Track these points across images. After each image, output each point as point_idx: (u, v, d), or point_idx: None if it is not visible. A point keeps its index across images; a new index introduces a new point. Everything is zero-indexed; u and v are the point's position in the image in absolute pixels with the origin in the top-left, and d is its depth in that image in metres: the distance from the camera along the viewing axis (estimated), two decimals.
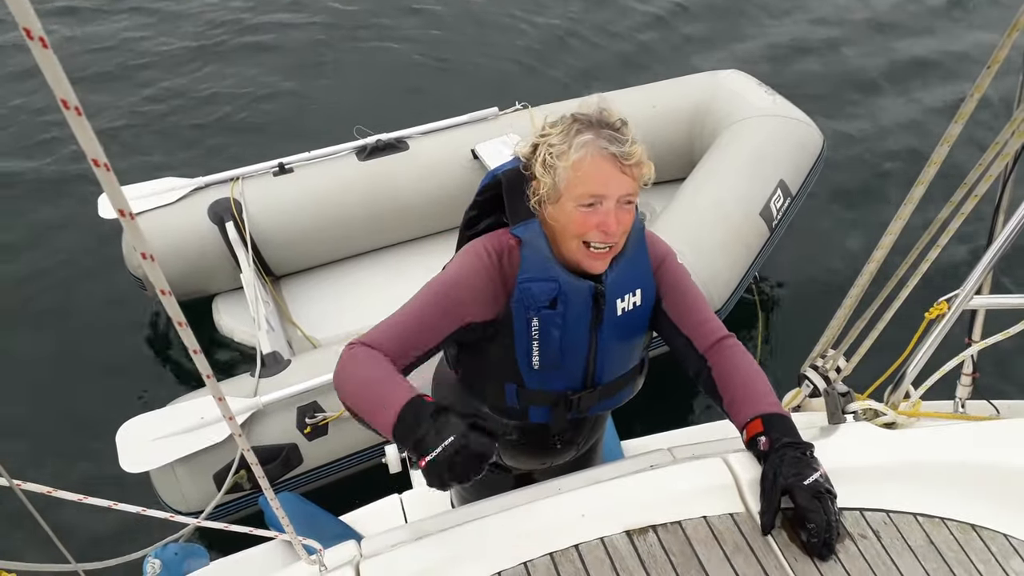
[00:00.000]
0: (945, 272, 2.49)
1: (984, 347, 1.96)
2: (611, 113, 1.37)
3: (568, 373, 1.50)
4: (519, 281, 1.40)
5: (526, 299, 1.40)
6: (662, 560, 1.27)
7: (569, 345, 1.46)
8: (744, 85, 4.10)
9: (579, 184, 1.33)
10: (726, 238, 3.38)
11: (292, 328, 3.69)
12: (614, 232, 1.35)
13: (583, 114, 1.36)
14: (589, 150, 1.32)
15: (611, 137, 1.32)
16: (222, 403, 0.91)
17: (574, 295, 1.41)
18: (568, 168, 1.33)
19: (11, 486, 1.02)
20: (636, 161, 1.34)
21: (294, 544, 1.23)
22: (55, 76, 0.57)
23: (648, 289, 1.50)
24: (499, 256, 1.42)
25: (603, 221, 1.33)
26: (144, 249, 0.72)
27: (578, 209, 1.34)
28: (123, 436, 2.70)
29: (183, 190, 3.61)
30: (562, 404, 1.53)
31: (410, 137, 3.94)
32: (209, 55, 5.93)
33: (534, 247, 1.41)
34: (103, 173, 0.65)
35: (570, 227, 1.36)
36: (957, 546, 1.36)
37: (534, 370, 1.48)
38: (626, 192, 1.34)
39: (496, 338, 1.45)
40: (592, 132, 1.33)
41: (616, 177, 1.32)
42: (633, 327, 1.51)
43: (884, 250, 1.76)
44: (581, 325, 1.44)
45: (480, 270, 1.41)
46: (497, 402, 1.56)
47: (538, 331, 1.42)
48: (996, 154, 1.56)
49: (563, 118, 1.38)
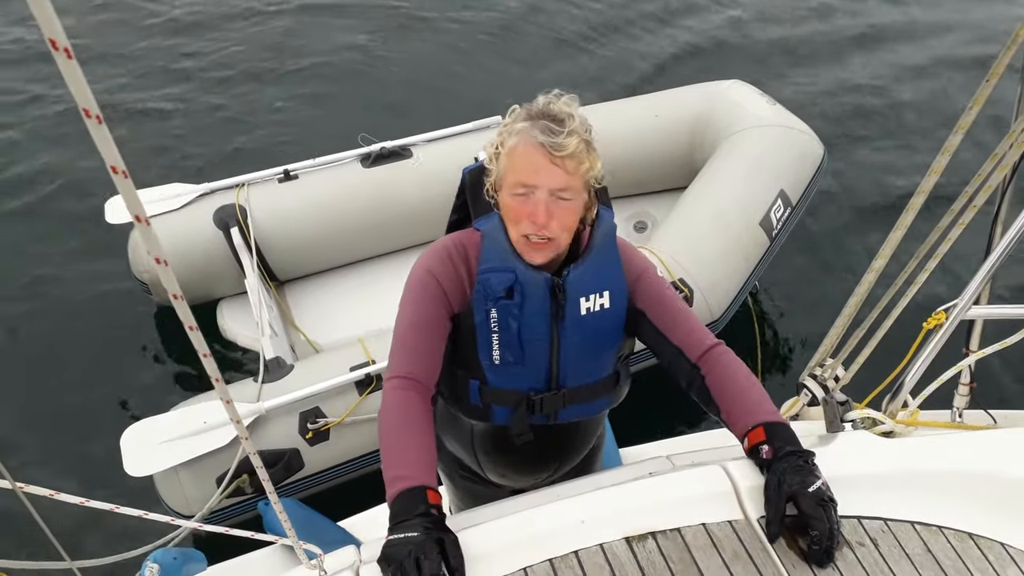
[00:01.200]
0: (943, 282, 2.51)
1: (982, 357, 1.97)
2: (559, 107, 1.36)
3: (531, 372, 1.50)
4: (479, 272, 1.42)
5: (485, 289, 1.42)
6: (661, 567, 1.27)
7: (529, 339, 1.45)
8: (746, 95, 4.11)
9: (511, 172, 1.35)
10: (726, 247, 3.39)
11: (296, 333, 3.71)
12: (542, 223, 1.34)
13: (531, 104, 1.38)
14: (522, 138, 1.33)
15: (545, 127, 1.32)
16: (230, 406, 0.92)
17: (530, 286, 1.41)
18: (505, 155, 1.35)
19: (13, 488, 1.03)
20: (569, 154, 1.31)
21: (295, 548, 1.23)
22: (78, 86, 0.58)
23: (619, 294, 1.48)
24: (464, 249, 1.45)
25: (532, 211, 1.34)
26: (159, 254, 0.73)
27: (513, 197, 1.36)
28: (127, 440, 2.72)
29: (189, 196, 3.64)
30: (524, 405, 1.52)
31: (414, 144, 3.97)
32: (217, 63, 5.97)
33: (493, 238, 1.43)
34: (121, 180, 0.66)
35: (508, 215, 1.39)
36: (955, 554, 1.36)
37: (496, 365, 1.47)
38: (557, 184, 1.33)
39: (461, 332, 1.47)
40: (530, 121, 1.34)
41: (546, 168, 1.32)
42: (600, 330, 1.50)
43: (883, 260, 1.77)
44: (540, 319, 1.44)
45: (447, 260, 1.44)
46: (462, 402, 1.56)
47: (497, 323, 1.43)
48: (995, 165, 1.57)
49: (519, 109, 1.40)
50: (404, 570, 1.14)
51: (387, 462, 1.31)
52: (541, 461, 1.72)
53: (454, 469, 1.87)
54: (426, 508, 1.22)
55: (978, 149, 1.76)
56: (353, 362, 3.02)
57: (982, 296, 1.87)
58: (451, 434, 1.75)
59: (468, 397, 1.54)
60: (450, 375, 1.54)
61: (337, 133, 4.97)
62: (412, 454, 1.31)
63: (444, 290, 1.44)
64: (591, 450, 1.86)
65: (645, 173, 4.21)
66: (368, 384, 2.97)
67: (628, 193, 4.30)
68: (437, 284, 1.44)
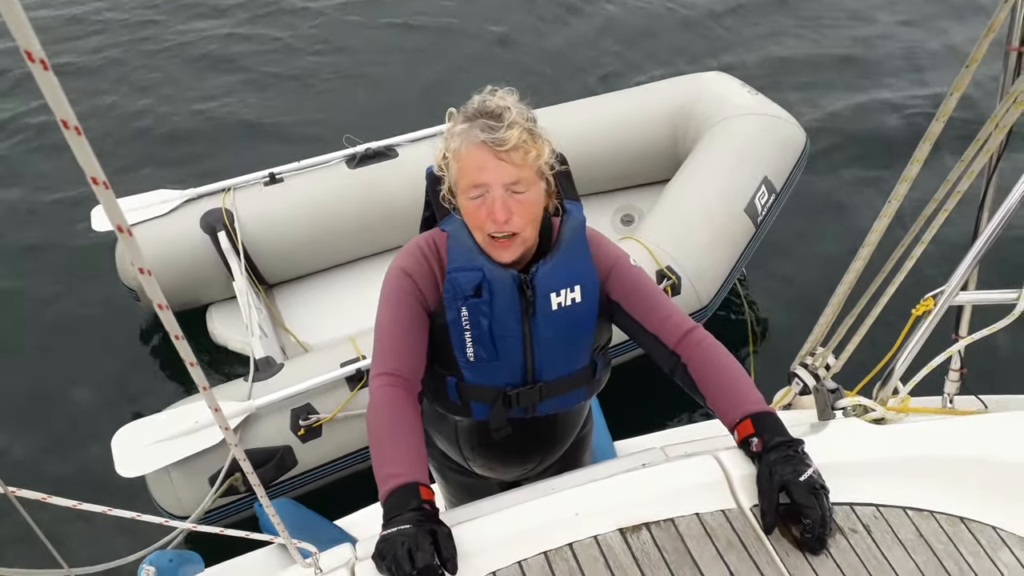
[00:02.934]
0: (931, 269, 2.52)
1: (971, 342, 1.98)
2: (493, 102, 1.36)
3: (506, 368, 1.50)
4: (448, 272, 1.43)
5: (454, 289, 1.43)
6: (655, 557, 1.27)
7: (501, 335, 1.46)
8: (726, 85, 4.13)
9: (462, 175, 1.36)
10: (712, 236, 3.40)
11: (286, 335, 3.69)
12: (502, 220, 1.34)
13: (468, 105, 1.38)
14: (464, 140, 1.34)
15: (485, 125, 1.32)
16: (218, 414, 0.92)
17: (498, 283, 1.42)
18: (452, 160, 1.36)
19: (5, 492, 1.02)
20: (513, 146, 1.31)
21: (289, 547, 1.23)
22: (55, 97, 0.58)
23: (590, 287, 1.48)
24: (432, 250, 1.47)
25: (490, 211, 1.34)
26: (142, 264, 0.73)
27: (469, 200, 1.36)
28: (119, 441, 2.72)
29: (175, 202, 3.62)
30: (501, 400, 1.53)
31: (399, 145, 3.96)
32: (201, 66, 5.94)
33: (457, 239, 1.44)
34: (102, 191, 0.66)
35: (469, 219, 1.40)
36: (947, 539, 1.37)
37: (471, 363, 1.48)
38: (508, 179, 1.33)
39: (435, 330, 1.48)
40: (468, 122, 1.34)
41: (493, 164, 1.32)
42: (573, 324, 1.50)
43: (870, 247, 1.78)
44: (510, 315, 1.45)
45: (420, 259, 1.46)
46: (442, 399, 1.58)
47: (468, 321, 1.44)
48: (978, 149, 1.58)
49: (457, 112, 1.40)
50: (398, 562, 1.14)
51: (378, 460, 1.32)
52: (524, 453, 1.73)
53: (444, 464, 1.88)
54: (419, 503, 1.23)
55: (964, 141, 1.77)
56: (343, 358, 3.02)
57: (970, 282, 1.88)
58: (437, 429, 1.76)
59: (447, 394, 1.55)
60: (430, 373, 1.54)
61: (321, 134, 4.97)
62: (403, 452, 1.32)
63: (419, 288, 1.45)
64: (578, 440, 1.86)
65: (629, 167, 4.22)
66: (359, 379, 2.97)
67: (613, 187, 4.31)
68: (412, 283, 1.45)
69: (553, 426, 1.70)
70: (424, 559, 1.15)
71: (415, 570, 1.14)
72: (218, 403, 0.93)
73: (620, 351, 3.23)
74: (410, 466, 1.29)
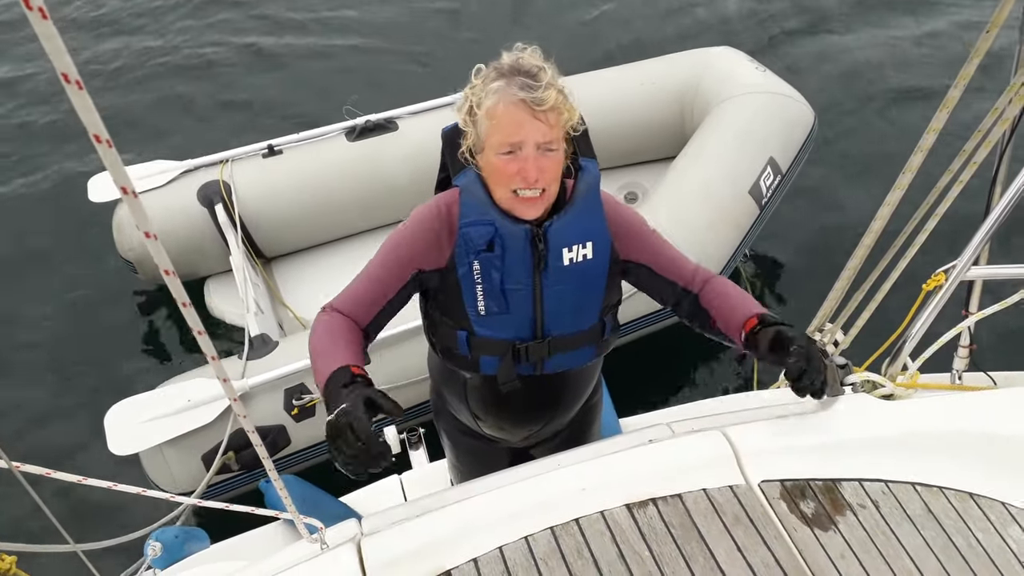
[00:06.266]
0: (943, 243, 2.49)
1: (981, 318, 1.96)
2: (527, 60, 1.37)
3: (516, 321, 1.52)
4: (460, 227, 1.44)
5: (466, 243, 1.44)
6: (662, 532, 1.27)
7: (512, 289, 1.47)
8: (735, 62, 4.06)
9: (495, 132, 1.35)
10: (714, 217, 3.36)
11: (283, 310, 3.67)
12: (533, 179, 1.36)
13: (500, 62, 1.37)
14: (501, 97, 1.33)
15: (523, 84, 1.33)
16: (227, 384, 0.90)
17: (510, 238, 1.43)
18: (484, 117, 1.35)
19: (10, 468, 1.01)
20: (551, 106, 1.33)
21: (296, 523, 1.22)
22: (55, 48, 0.55)
23: (602, 245, 1.50)
24: (447, 207, 1.47)
25: (522, 168, 1.35)
26: (148, 228, 0.70)
27: (498, 157, 1.36)
28: (111, 419, 2.71)
29: (172, 173, 3.58)
30: (510, 354, 1.54)
31: (400, 117, 3.91)
32: (198, 37, 5.85)
33: (471, 192, 1.45)
34: (105, 150, 0.63)
35: (494, 176, 1.40)
36: (956, 514, 1.36)
37: (481, 316, 1.50)
38: (543, 139, 1.35)
39: (446, 285, 1.49)
40: (505, 80, 1.34)
41: (529, 123, 1.33)
42: (584, 280, 1.52)
43: (882, 221, 1.75)
44: (521, 269, 1.46)
45: (426, 220, 1.47)
46: (452, 353, 1.59)
47: (480, 275, 1.45)
48: (995, 120, 1.54)
49: (486, 68, 1.39)
50: (343, 442, 1.17)
51: (316, 369, 1.36)
52: (532, 412, 1.74)
53: (454, 427, 1.89)
54: (350, 377, 1.27)
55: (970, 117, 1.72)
56: None
57: (981, 257, 1.85)
58: (447, 389, 1.78)
59: (457, 348, 1.56)
60: (440, 328, 1.57)
61: (321, 106, 4.90)
62: (335, 354, 1.36)
63: (416, 252, 1.47)
64: (587, 409, 1.87)
65: (635, 143, 4.16)
66: None
67: (618, 164, 4.26)
68: (407, 248, 1.47)
69: (561, 386, 1.71)
70: (362, 427, 1.17)
71: (360, 442, 1.17)
72: (218, 377, 0.91)
73: (626, 331, 3.21)
74: (342, 360, 1.32)
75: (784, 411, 1.50)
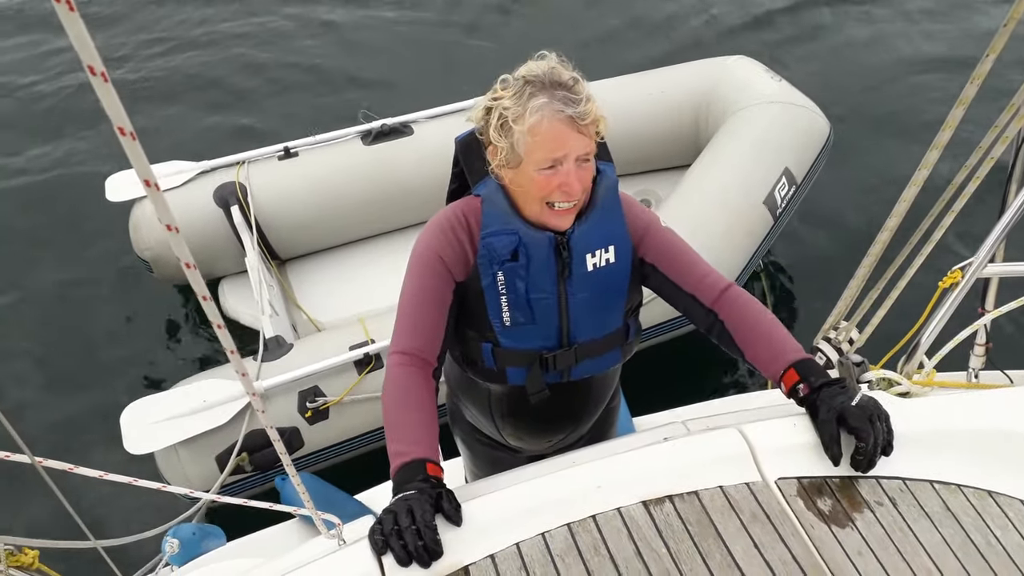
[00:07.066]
0: (959, 241, 2.46)
1: (997, 316, 1.95)
2: (562, 72, 1.36)
3: (542, 331, 1.51)
4: (482, 237, 1.43)
5: (489, 254, 1.43)
6: (679, 529, 1.27)
7: (537, 298, 1.46)
8: (751, 71, 4.03)
9: (538, 149, 1.34)
10: (729, 227, 3.35)
11: (297, 312, 3.69)
12: (576, 191, 1.37)
13: (534, 75, 1.35)
14: (545, 113, 1.32)
15: (566, 99, 1.32)
16: (245, 379, 0.91)
17: (534, 247, 1.42)
18: (525, 133, 1.33)
19: (33, 463, 1.03)
20: (592, 119, 1.34)
21: (314, 518, 1.23)
22: (81, 39, 0.56)
23: (624, 248, 1.50)
24: (465, 217, 1.46)
25: (564, 182, 1.35)
26: (170, 221, 0.71)
27: (539, 172, 1.35)
28: (127, 418, 2.73)
29: (189, 173, 3.61)
30: (537, 364, 1.53)
31: (415, 121, 3.92)
32: (214, 38, 5.89)
33: (493, 202, 1.44)
34: (129, 143, 0.63)
35: (532, 190, 1.38)
36: (974, 512, 1.35)
37: (506, 327, 1.49)
38: (584, 151, 1.36)
39: (469, 297, 1.48)
40: (546, 95, 1.33)
41: (573, 138, 1.33)
42: (608, 285, 1.51)
43: (898, 217, 1.74)
44: (546, 277, 1.45)
45: (448, 231, 1.45)
46: (477, 365, 1.58)
47: (504, 285, 1.44)
48: (1012, 116, 1.53)
49: (514, 80, 1.38)
50: (396, 518, 1.17)
51: (389, 437, 1.35)
52: (557, 421, 1.73)
53: (472, 436, 1.88)
54: (425, 476, 1.26)
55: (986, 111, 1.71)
56: (352, 341, 3.01)
57: (997, 254, 1.84)
58: (469, 399, 1.76)
59: (482, 360, 1.55)
60: (463, 340, 1.55)
61: (337, 109, 4.92)
62: (411, 430, 1.35)
63: (445, 263, 1.45)
64: (606, 412, 1.86)
65: (649, 151, 4.16)
66: (367, 363, 2.96)
67: (633, 171, 4.24)
68: (438, 258, 1.45)
69: (587, 393, 1.70)
70: (423, 516, 1.17)
71: (414, 524, 1.16)
72: (236, 371, 0.92)
73: (645, 336, 3.20)
74: (417, 444, 1.32)
75: (801, 409, 1.49)
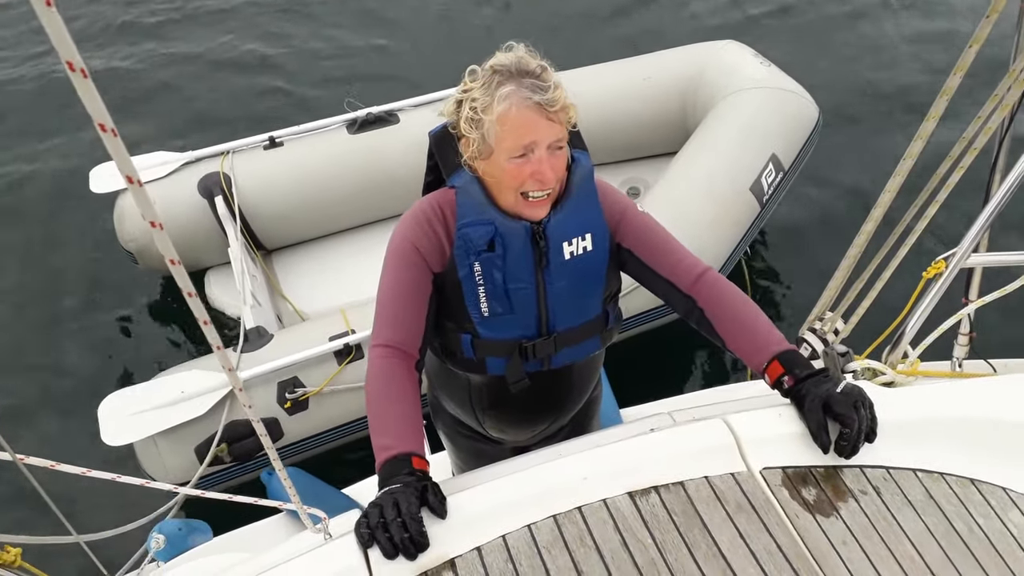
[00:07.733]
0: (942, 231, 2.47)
1: (981, 306, 1.96)
2: (529, 60, 1.36)
3: (521, 320, 1.51)
4: (458, 228, 1.43)
5: (466, 244, 1.43)
6: (665, 520, 1.27)
7: (515, 288, 1.46)
8: (739, 56, 4.00)
9: (507, 137, 1.34)
10: (715, 214, 3.34)
11: (283, 302, 3.68)
12: (550, 180, 1.36)
13: (501, 64, 1.36)
14: (513, 101, 1.32)
15: (533, 86, 1.32)
16: (232, 373, 0.91)
17: (511, 237, 1.42)
18: (494, 122, 1.33)
19: (14, 460, 1.01)
20: (561, 106, 1.34)
21: (300, 513, 1.23)
22: (59, 35, 0.55)
23: (600, 236, 1.49)
24: (441, 208, 1.45)
25: (537, 170, 1.35)
26: (153, 217, 0.70)
27: (511, 161, 1.35)
28: (105, 410, 2.72)
29: (173, 164, 3.58)
30: (517, 353, 1.53)
31: (401, 110, 3.90)
32: (198, 23, 5.82)
33: (467, 192, 1.43)
34: (110, 139, 0.63)
35: (505, 180, 1.38)
36: (957, 500, 1.37)
37: (485, 318, 1.49)
38: (554, 138, 1.35)
39: (447, 289, 1.48)
40: (513, 83, 1.33)
41: (544, 125, 1.33)
42: (585, 272, 1.51)
43: (883, 208, 1.75)
44: (523, 267, 1.45)
45: (424, 222, 1.45)
46: (456, 356, 1.58)
47: (481, 276, 1.44)
48: (995, 106, 1.54)
49: (483, 71, 1.38)
50: (382, 511, 1.17)
51: (374, 431, 1.35)
52: (538, 411, 1.73)
53: (455, 429, 1.88)
54: (410, 470, 1.26)
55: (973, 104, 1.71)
56: (333, 332, 3.00)
57: (981, 244, 1.85)
58: (448, 392, 1.76)
59: (461, 351, 1.55)
60: (442, 332, 1.55)
61: (322, 98, 4.88)
62: (396, 423, 1.34)
63: (422, 255, 1.45)
64: (588, 404, 1.86)
65: (637, 138, 4.14)
66: (347, 354, 2.96)
67: (620, 159, 4.23)
68: (414, 250, 1.45)
69: (569, 380, 1.70)
70: (409, 508, 1.17)
71: (400, 517, 1.16)
72: (222, 367, 0.91)
73: (627, 326, 3.21)
74: (402, 438, 1.32)
75: (785, 400, 1.50)
